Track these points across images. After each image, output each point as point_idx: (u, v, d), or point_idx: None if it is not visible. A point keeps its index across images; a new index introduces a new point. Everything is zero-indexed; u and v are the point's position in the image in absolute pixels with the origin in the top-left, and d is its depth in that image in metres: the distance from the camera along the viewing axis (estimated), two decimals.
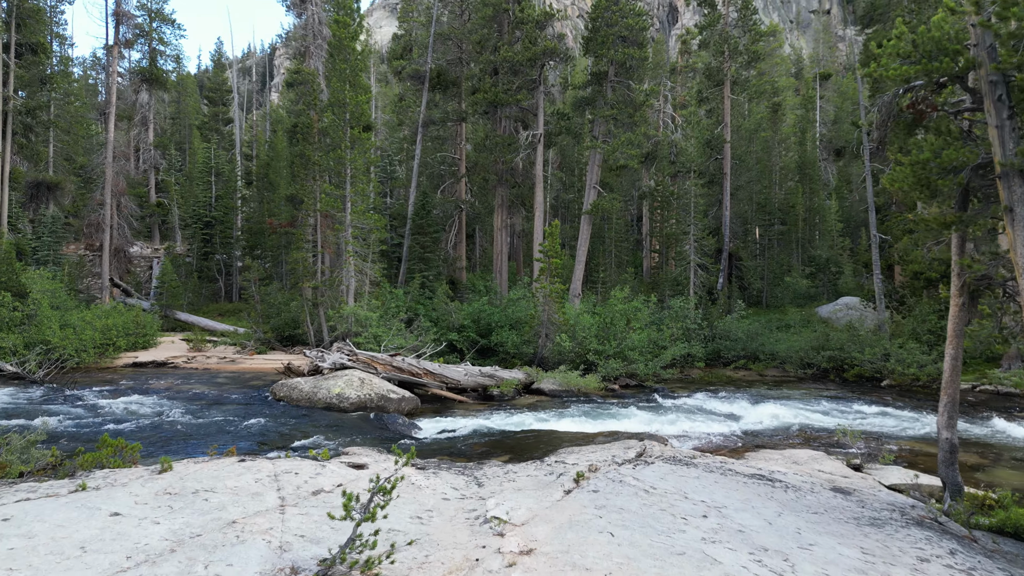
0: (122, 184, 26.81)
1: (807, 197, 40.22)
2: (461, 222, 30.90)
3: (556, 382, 17.76)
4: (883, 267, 29.55)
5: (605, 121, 24.36)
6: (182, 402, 14.09)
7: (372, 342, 19.22)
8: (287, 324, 21.61)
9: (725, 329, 23.05)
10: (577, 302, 24.38)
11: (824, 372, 21.53)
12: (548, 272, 19.49)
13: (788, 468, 9.06)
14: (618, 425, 13.37)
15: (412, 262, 27.08)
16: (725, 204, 27.94)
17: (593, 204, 24.22)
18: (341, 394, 13.47)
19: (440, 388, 16.18)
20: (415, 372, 15.60)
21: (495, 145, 25.50)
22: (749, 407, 16.40)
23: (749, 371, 22.67)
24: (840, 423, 14.11)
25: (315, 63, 25.04)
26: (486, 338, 21.71)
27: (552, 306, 19.71)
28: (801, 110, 45.15)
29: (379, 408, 13.56)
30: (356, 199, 20.46)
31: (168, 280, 24.98)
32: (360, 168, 20.46)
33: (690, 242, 24.18)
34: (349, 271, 20.24)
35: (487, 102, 24.71)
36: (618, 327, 20.08)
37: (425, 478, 6.55)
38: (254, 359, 20.23)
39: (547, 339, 20.11)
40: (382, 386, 14.14)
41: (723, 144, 28.17)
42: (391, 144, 39.23)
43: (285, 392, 14.19)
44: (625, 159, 23.29)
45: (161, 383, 16.59)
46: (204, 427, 11.28)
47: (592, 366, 19.49)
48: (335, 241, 20.83)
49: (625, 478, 6.70)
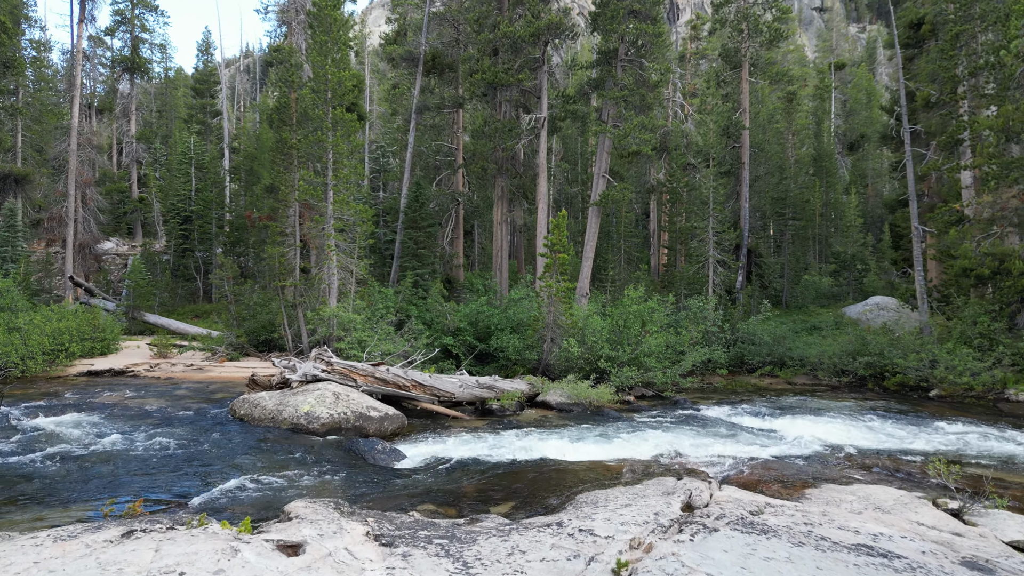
0: (88, 174, 24.65)
1: (823, 191, 38.09)
2: (458, 216, 28.72)
3: (564, 394, 15.58)
4: None
5: (615, 103, 22.17)
6: (125, 422, 11.91)
7: (356, 347, 17.05)
8: (263, 327, 19.42)
9: (749, 332, 20.87)
10: (585, 302, 22.21)
11: (861, 380, 19.37)
12: (554, 268, 17.31)
13: (880, 523, 6.91)
14: (642, 449, 11.19)
15: (405, 259, 24.92)
16: (744, 195, 25.75)
17: (602, 195, 22.03)
18: (311, 413, 11.29)
19: (431, 402, 14.00)
20: (402, 384, 13.42)
21: (494, 131, 23.31)
22: (787, 423, 14.23)
23: (776, 378, 20.50)
24: (887, 441, 11.97)
25: (297, 40, 22.87)
26: (485, 342, 19.54)
27: (559, 307, 17.53)
28: (816, 100, 42.97)
29: (356, 429, 11.37)
30: (339, 187, 18.28)
31: (136, 279, 22.79)
32: (343, 153, 18.29)
33: (708, 236, 21.98)
34: (331, 268, 18.06)
35: (486, 83, 22.53)
36: (632, 330, 17.90)
37: (387, 571, 4.36)
38: (224, 367, 18.05)
39: (553, 344, 17.93)
40: (361, 402, 11.95)
41: (741, 131, 25.97)
42: (385, 135, 37.07)
43: (246, 410, 12.00)
44: (638, 144, 21.10)
45: (111, 396, 14.40)
46: (134, 461, 9.09)
47: (604, 375, 17.31)
48: (317, 235, 18.65)
49: (689, 568, 4.52)
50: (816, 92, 46.52)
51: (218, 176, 28.50)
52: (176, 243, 28.67)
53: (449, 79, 29.73)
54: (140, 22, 43.64)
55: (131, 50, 43.79)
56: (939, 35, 24.75)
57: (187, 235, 28.38)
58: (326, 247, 17.54)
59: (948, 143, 20.34)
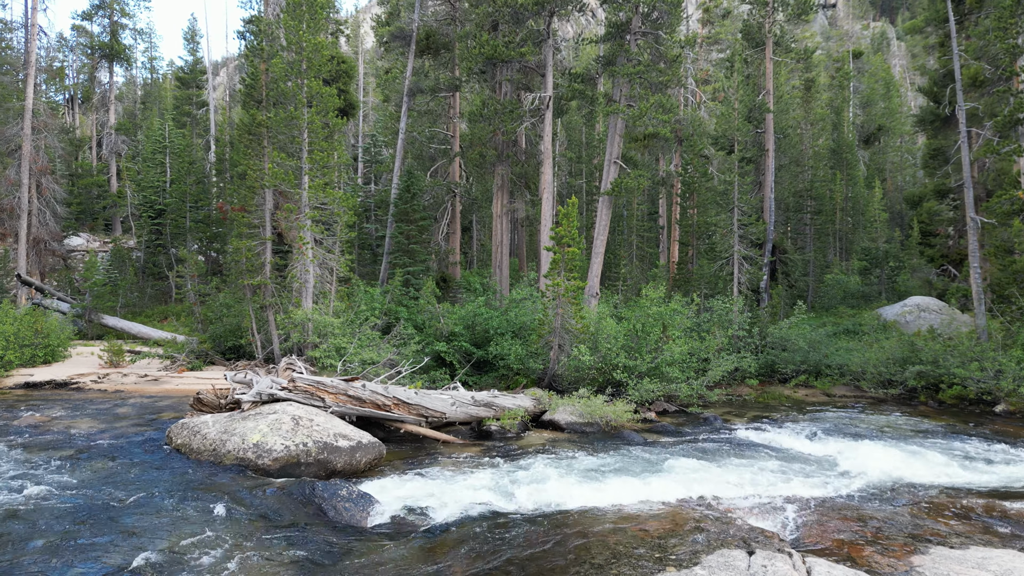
0: (45, 161, 22.35)
1: (844, 185, 35.76)
2: (455, 209, 26.38)
3: (575, 411, 13.25)
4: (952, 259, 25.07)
5: (629, 81, 19.83)
6: (36, 453, 9.57)
7: (334, 356, 14.72)
8: (231, 332, 17.07)
9: (780, 337, 18.53)
10: (595, 303, 19.87)
11: (911, 392, 17.04)
12: (562, 264, 14.96)
13: None
14: (681, 490, 8.84)
15: (395, 255, 22.57)
16: (768, 185, 23.39)
17: (614, 183, 19.69)
18: (261, 444, 8.95)
19: (418, 424, 11.66)
20: (381, 403, 11.07)
21: (494, 113, 20.97)
22: (842, 448, 11.89)
23: (811, 389, 18.16)
24: (972, 474, 9.75)
25: (273, 10, 20.53)
26: (483, 348, 17.20)
27: (567, 309, 15.18)
28: (833, 89, 40.61)
29: (319, 464, 9.03)
30: (315, 172, 15.93)
31: (93, 277, 20.42)
32: (320, 132, 15.93)
33: (733, 229, 19.64)
34: (306, 264, 15.72)
35: (484, 58, 20.17)
36: (652, 336, 15.56)
37: None
38: (183, 377, 15.71)
39: (561, 351, 15.58)
40: (328, 428, 9.61)
41: (764, 114, 23.62)
42: (377, 124, 34.71)
43: (184, 438, 9.66)
44: (655, 125, 18.79)
45: (33, 417, 12.05)
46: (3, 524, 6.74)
47: (620, 387, 14.98)
48: (292, 227, 16.30)
49: None
50: (832, 82, 44.16)
51: (194, 166, 26.11)
52: (148, 238, 26.30)
53: (444, 60, 27.39)
54: (119, 6, 41.28)
55: (110, 36, 41.46)
56: (985, 6, 22.44)
57: (158, 230, 26.00)
58: (298, 239, 15.19)
59: (1005, 124, 18.00)
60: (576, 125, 37.09)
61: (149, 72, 52.24)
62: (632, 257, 25.19)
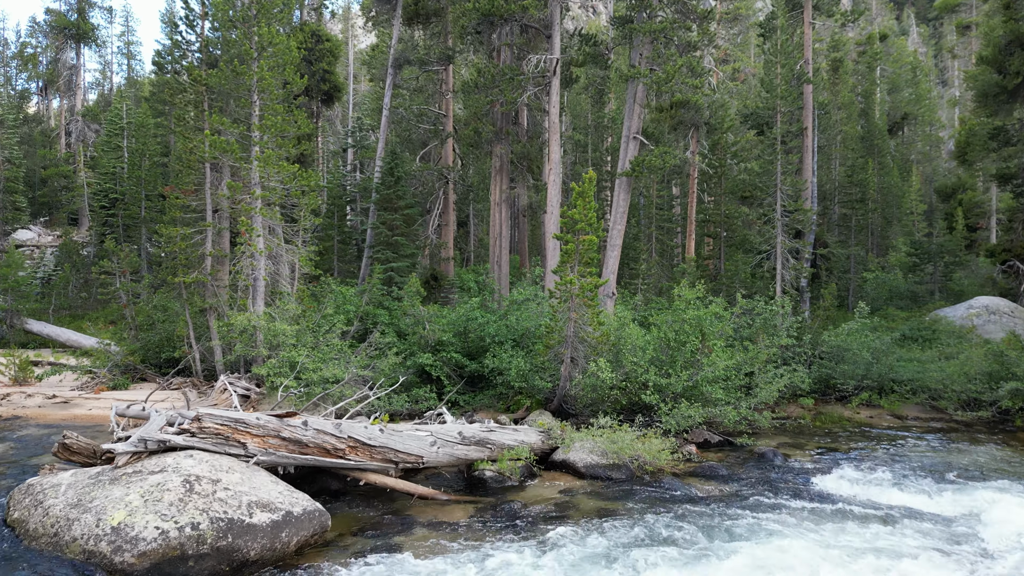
0: None
1: (876, 174, 32.53)
2: (447, 198, 23.19)
3: (596, 449, 10.05)
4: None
5: (652, 41, 16.65)
6: None
7: (286, 372, 11.55)
8: (166, 340, 13.86)
9: (835, 346, 15.32)
10: (611, 304, 16.68)
11: (1003, 414, 13.86)
12: (576, 256, 11.73)
13: None
14: None
15: (377, 249, 19.40)
16: (809, 167, 20.18)
17: (634, 162, 16.51)
18: (124, 529, 5.77)
19: (384, 471, 8.46)
20: (331, 447, 7.87)
21: (492, 81, 17.81)
22: (972, 502, 8.70)
23: (877, 409, 14.97)
24: None
25: None
26: (477, 360, 13.97)
27: (583, 313, 11.93)
28: (863, 71, 37.39)
29: (218, 557, 5.87)
30: (267, 142, 12.75)
31: (15, 275, 17.26)
32: (273, 92, 12.74)
33: (776, 217, 16.45)
34: (255, 257, 12.53)
35: (480, 14, 16.99)
36: (689, 346, 12.36)
37: None
38: (100, 399, 12.54)
39: (574, 365, 12.34)
40: (240, 494, 6.43)
41: (803, 86, 20.43)
42: (361, 106, 31.54)
43: (23, 510, 6.49)
44: (684, 91, 15.60)
45: None
46: None
47: (649, 412, 11.79)
48: (239, 211, 13.10)
49: None
50: (855, 67, 40.92)
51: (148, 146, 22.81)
52: (99, 231, 23.11)
53: (436, 30, 24.23)
54: None
55: (77, 14, 38.27)
56: None
57: (110, 222, 22.78)
58: (242, 224, 12.00)
59: None
60: (582, 112, 33.90)
61: (126, 57, 49.00)
62: (652, 251, 21.99)
